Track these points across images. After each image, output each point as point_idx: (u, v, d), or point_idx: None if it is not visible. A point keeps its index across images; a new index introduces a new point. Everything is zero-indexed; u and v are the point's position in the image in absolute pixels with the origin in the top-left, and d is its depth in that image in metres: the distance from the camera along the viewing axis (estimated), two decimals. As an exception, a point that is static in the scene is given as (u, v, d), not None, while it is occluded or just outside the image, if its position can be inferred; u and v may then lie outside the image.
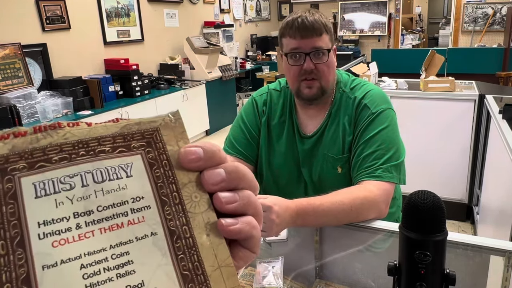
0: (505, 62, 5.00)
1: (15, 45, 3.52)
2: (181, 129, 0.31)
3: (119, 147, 0.28)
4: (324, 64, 1.19)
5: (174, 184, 0.29)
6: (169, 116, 0.31)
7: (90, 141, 0.28)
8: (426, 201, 0.67)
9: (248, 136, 1.32)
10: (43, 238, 0.24)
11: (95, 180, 0.27)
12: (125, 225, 0.27)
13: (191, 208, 0.28)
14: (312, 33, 1.16)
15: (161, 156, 0.29)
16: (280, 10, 8.62)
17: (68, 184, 0.26)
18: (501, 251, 0.94)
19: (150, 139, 0.29)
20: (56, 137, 0.27)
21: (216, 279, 0.27)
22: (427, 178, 2.94)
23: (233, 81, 5.95)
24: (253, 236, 0.30)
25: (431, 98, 2.92)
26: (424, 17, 11.14)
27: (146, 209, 0.27)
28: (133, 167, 0.28)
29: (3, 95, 3.31)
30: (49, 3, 3.83)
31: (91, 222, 0.26)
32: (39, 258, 0.24)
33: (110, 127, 0.29)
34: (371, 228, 1.10)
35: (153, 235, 0.27)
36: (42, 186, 0.25)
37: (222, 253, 0.28)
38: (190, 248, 0.27)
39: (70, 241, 0.25)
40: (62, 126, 0.27)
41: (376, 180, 1.13)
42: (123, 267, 0.25)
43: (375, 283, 1.09)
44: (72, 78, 3.83)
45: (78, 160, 0.27)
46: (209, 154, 0.30)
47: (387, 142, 1.17)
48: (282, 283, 0.99)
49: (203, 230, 0.28)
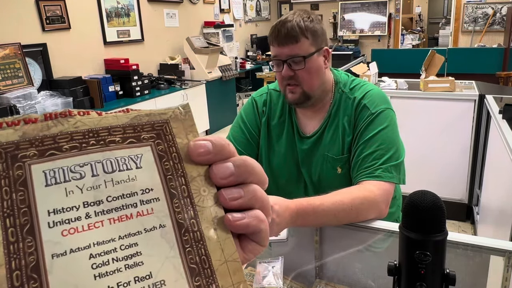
0: (505, 62, 5.00)
1: (15, 45, 3.52)
2: (191, 122, 0.30)
3: (129, 137, 0.28)
4: (303, 70, 1.18)
5: (183, 177, 0.29)
6: (179, 109, 0.31)
7: (100, 130, 0.28)
8: (426, 201, 0.67)
9: (248, 136, 1.33)
10: (53, 226, 0.24)
11: (105, 170, 0.27)
12: (134, 216, 0.26)
13: (199, 202, 0.28)
14: (287, 41, 1.16)
15: (171, 148, 0.29)
16: (280, 10, 8.63)
17: (78, 173, 0.26)
18: (501, 251, 0.94)
19: (160, 131, 0.29)
20: (67, 125, 0.27)
21: (223, 273, 0.27)
22: (427, 178, 2.94)
23: (233, 81, 5.95)
24: (261, 230, 0.30)
25: (431, 98, 2.92)
26: (424, 17, 11.14)
27: (155, 201, 0.27)
28: (143, 159, 0.28)
29: (3, 95, 3.31)
30: (49, 3, 3.83)
31: (101, 212, 0.26)
32: (49, 247, 0.24)
33: (120, 117, 0.29)
34: (371, 228, 1.10)
35: (162, 227, 0.27)
36: (53, 175, 0.25)
37: (228, 247, 0.28)
38: (197, 242, 0.27)
39: (80, 230, 0.25)
40: (72, 114, 0.27)
41: (376, 180, 1.13)
42: (131, 258, 0.25)
43: (375, 283, 1.09)
44: (72, 78, 3.83)
45: (89, 150, 0.27)
46: (218, 148, 0.30)
47: (386, 142, 1.17)
48: (282, 283, 0.99)
49: (210, 224, 0.28)
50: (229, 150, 0.30)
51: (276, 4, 8.59)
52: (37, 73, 3.76)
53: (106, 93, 4.08)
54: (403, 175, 1.18)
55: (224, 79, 5.60)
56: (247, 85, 7.02)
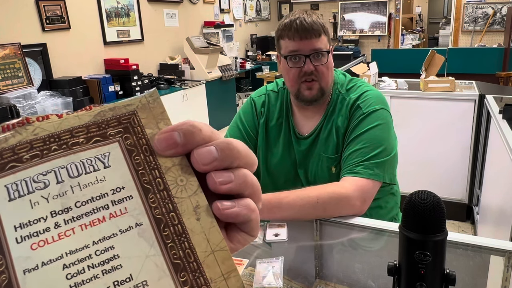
0: (505, 62, 5.00)
1: (15, 45, 3.52)
2: (160, 109, 0.28)
3: (94, 136, 0.27)
4: (324, 65, 1.19)
5: (157, 170, 0.27)
6: (145, 97, 0.29)
7: (62, 134, 0.26)
8: (426, 201, 0.67)
9: (245, 136, 1.33)
10: (21, 241, 0.24)
11: (70, 175, 0.26)
12: (107, 218, 0.25)
13: (177, 193, 0.27)
14: (311, 35, 1.16)
15: (140, 141, 0.27)
16: (280, 10, 8.63)
17: (42, 182, 0.25)
18: (501, 251, 0.94)
19: (127, 124, 0.28)
20: (25, 134, 0.26)
21: (210, 264, 0.25)
22: (427, 178, 2.94)
23: (233, 81, 5.95)
24: (251, 219, 0.28)
25: (431, 98, 2.92)
26: (424, 17, 11.14)
27: (128, 199, 0.26)
28: (111, 157, 0.27)
29: (3, 95, 3.31)
30: (49, 3, 3.83)
31: (70, 219, 0.25)
32: (20, 262, 0.23)
33: (82, 117, 0.27)
34: (371, 228, 1.09)
35: (138, 226, 0.26)
36: (15, 188, 0.24)
37: (214, 236, 0.26)
38: (179, 235, 0.26)
39: (50, 241, 0.24)
40: (30, 121, 0.26)
41: (353, 176, 1.13)
42: (108, 263, 0.24)
43: (375, 283, 1.09)
44: (72, 78, 3.83)
45: (51, 156, 0.26)
46: (187, 137, 0.27)
47: (374, 141, 1.17)
48: (282, 283, 0.99)
49: (192, 214, 0.26)
50: (203, 136, 0.28)
51: (276, 4, 8.58)
52: (37, 73, 3.76)
53: (106, 93, 4.08)
54: (390, 174, 1.17)
55: (224, 79, 5.60)
56: (247, 85, 7.02)
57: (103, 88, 3.98)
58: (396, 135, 1.26)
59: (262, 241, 1.11)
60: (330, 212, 1.08)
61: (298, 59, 1.19)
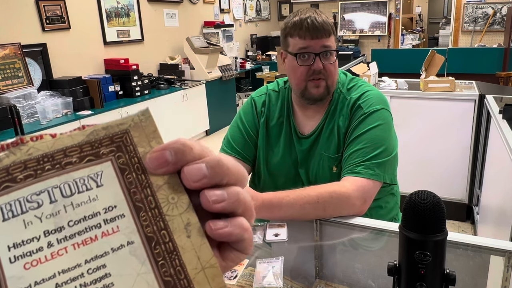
0: (505, 62, 5.00)
1: (15, 45, 3.52)
2: (152, 128, 0.29)
3: (87, 156, 0.27)
4: (332, 64, 1.21)
5: (149, 188, 0.27)
6: (138, 116, 0.29)
7: (55, 153, 0.27)
8: (426, 201, 0.67)
9: (246, 136, 1.33)
10: (15, 261, 0.24)
11: (63, 195, 0.26)
12: (99, 237, 0.26)
13: (168, 211, 0.27)
14: (322, 34, 1.18)
15: (133, 159, 0.28)
16: (280, 10, 8.62)
17: (35, 202, 0.25)
18: (501, 251, 0.94)
19: (120, 142, 0.28)
20: (19, 154, 0.26)
21: (200, 282, 0.26)
22: (427, 178, 2.94)
23: (233, 81, 5.95)
24: (244, 239, 0.28)
25: (431, 98, 2.92)
26: (424, 17, 11.14)
27: (120, 218, 0.26)
28: (103, 176, 0.27)
29: (3, 95, 3.31)
30: (49, 3, 3.83)
31: (63, 238, 0.25)
32: (13, 283, 0.23)
33: (75, 136, 0.27)
34: (371, 228, 1.09)
35: (130, 244, 0.26)
36: (9, 208, 0.25)
37: (205, 254, 0.27)
38: (170, 253, 0.26)
39: (43, 261, 0.24)
40: (24, 141, 0.26)
41: (354, 176, 1.13)
42: (100, 281, 0.25)
43: (375, 283, 1.09)
44: (72, 78, 3.83)
45: (44, 176, 0.26)
46: (178, 155, 0.27)
47: (375, 141, 1.17)
48: (282, 283, 0.99)
49: (183, 232, 0.27)
50: (193, 154, 0.28)
51: (276, 4, 8.59)
52: (37, 73, 3.76)
53: (106, 93, 4.08)
54: (390, 174, 1.17)
55: (224, 79, 5.60)
56: (247, 85, 7.02)
57: (103, 88, 3.98)
58: (396, 135, 1.26)
59: (262, 241, 1.11)
60: (330, 211, 1.08)
61: (307, 57, 1.19)
